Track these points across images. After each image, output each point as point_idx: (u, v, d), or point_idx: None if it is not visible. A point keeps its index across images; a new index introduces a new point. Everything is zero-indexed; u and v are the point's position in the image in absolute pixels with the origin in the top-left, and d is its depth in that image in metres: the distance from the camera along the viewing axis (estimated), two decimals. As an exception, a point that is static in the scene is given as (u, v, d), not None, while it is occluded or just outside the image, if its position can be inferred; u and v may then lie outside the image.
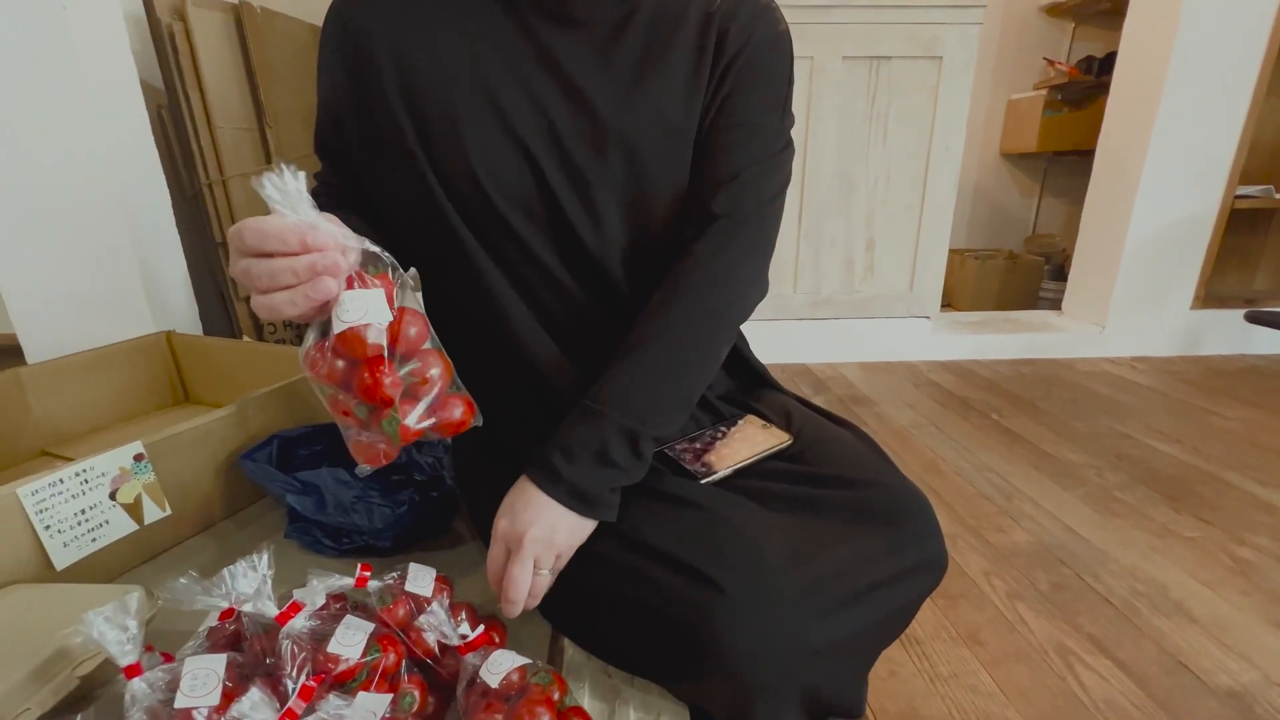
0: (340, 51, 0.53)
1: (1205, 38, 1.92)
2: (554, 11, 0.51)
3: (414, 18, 0.51)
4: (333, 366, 0.40)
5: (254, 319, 1.42)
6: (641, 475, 0.50)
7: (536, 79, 0.51)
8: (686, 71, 0.54)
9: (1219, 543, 1.14)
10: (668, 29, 0.54)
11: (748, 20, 0.55)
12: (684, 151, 0.55)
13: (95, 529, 0.63)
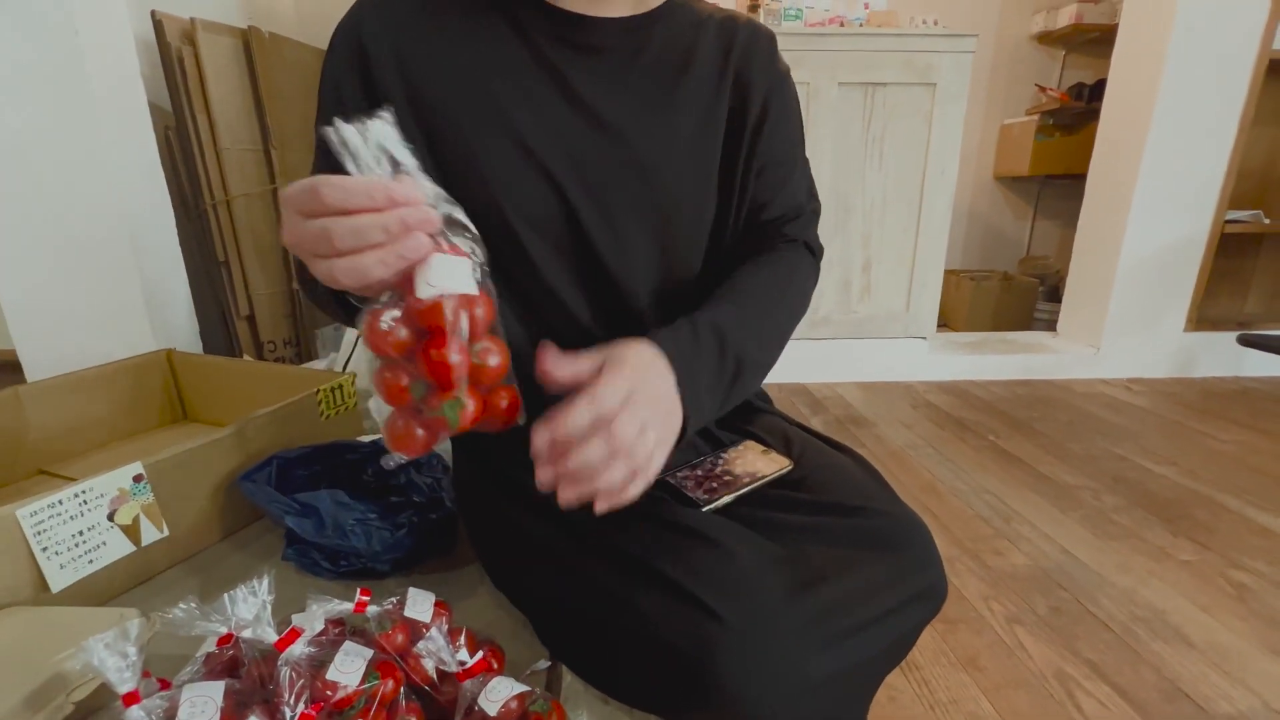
0: (356, 69, 0.51)
1: (1192, 67, 1.96)
2: (570, 39, 0.53)
3: (429, 43, 0.51)
4: (399, 336, 0.36)
5: (254, 337, 1.42)
6: (708, 420, 0.49)
7: (554, 104, 0.52)
8: (704, 99, 0.56)
9: (1216, 567, 1.14)
10: (680, 58, 0.56)
11: (767, 60, 0.59)
12: (707, 175, 0.57)
13: (92, 550, 0.63)
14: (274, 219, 1.49)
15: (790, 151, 0.61)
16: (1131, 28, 2.10)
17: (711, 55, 0.57)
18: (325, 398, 0.91)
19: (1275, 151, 2.31)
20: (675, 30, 0.57)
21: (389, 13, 0.51)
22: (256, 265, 1.43)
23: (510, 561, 0.60)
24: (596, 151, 0.52)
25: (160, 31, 1.22)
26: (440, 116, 0.51)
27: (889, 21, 2.04)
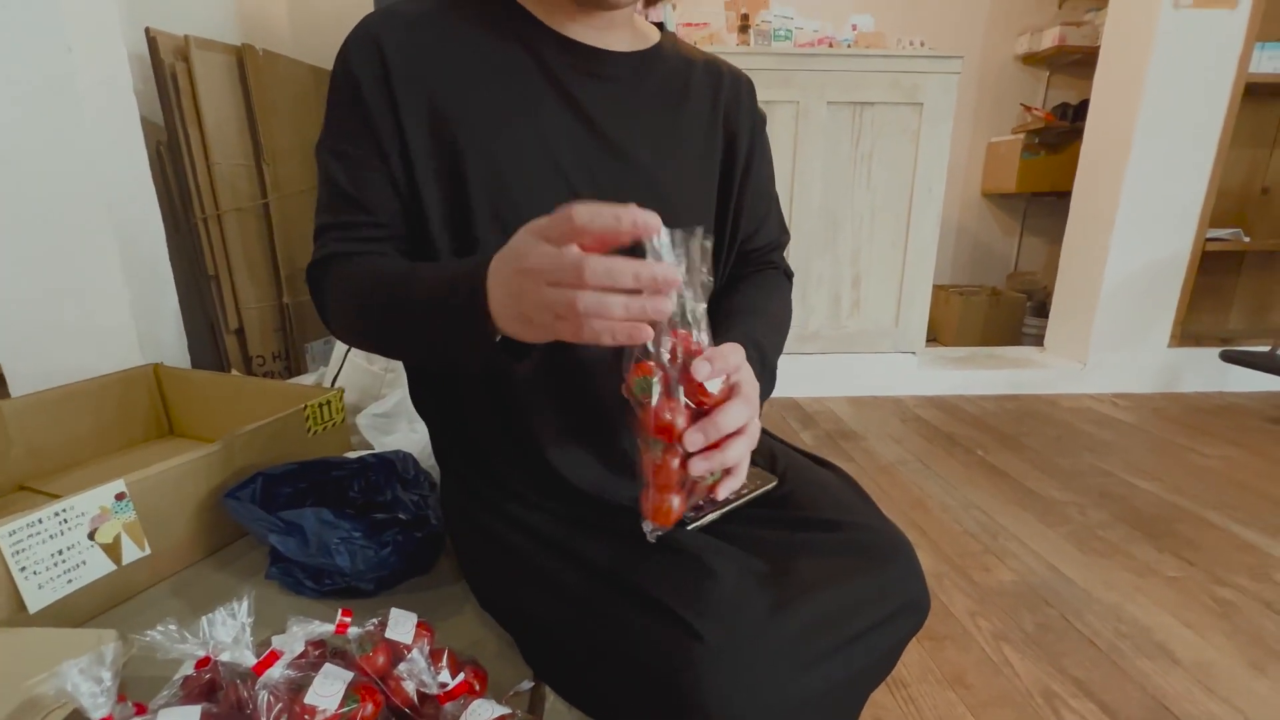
0: (378, 78, 0.51)
1: (1171, 89, 2.01)
2: (583, 68, 0.56)
3: (451, 64, 0.53)
4: (680, 425, 0.40)
5: (243, 351, 1.42)
6: None
7: (570, 125, 0.55)
8: (701, 129, 0.61)
9: (1200, 583, 1.15)
10: (678, 91, 0.61)
11: (750, 105, 0.65)
12: (707, 196, 0.62)
13: (71, 570, 0.62)
14: (265, 233, 1.49)
15: (770, 188, 0.69)
16: (1112, 51, 2.15)
17: (703, 93, 0.62)
18: (313, 413, 0.91)
19: (1253, 172, 2.36)
20: (672, 67, 0.61)
21: (408, 32, 0.52)
22: (247, 279, 1.43)
23: (496, 579, 0.60)
24: (609, 168, 0.56)
25: (154, 48, 1.22)
26: (465, 135, 0.52)
27: (876, 43, 2.08)
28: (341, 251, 0.54)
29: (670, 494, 0.42)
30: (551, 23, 0.56)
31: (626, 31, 0.59)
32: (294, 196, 1.52)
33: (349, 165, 0.53)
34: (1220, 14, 1.97)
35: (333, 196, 0.54)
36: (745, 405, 0.42)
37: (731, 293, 0.64)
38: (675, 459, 0.41)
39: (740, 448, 0.42)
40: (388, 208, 0.53)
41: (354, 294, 0.51)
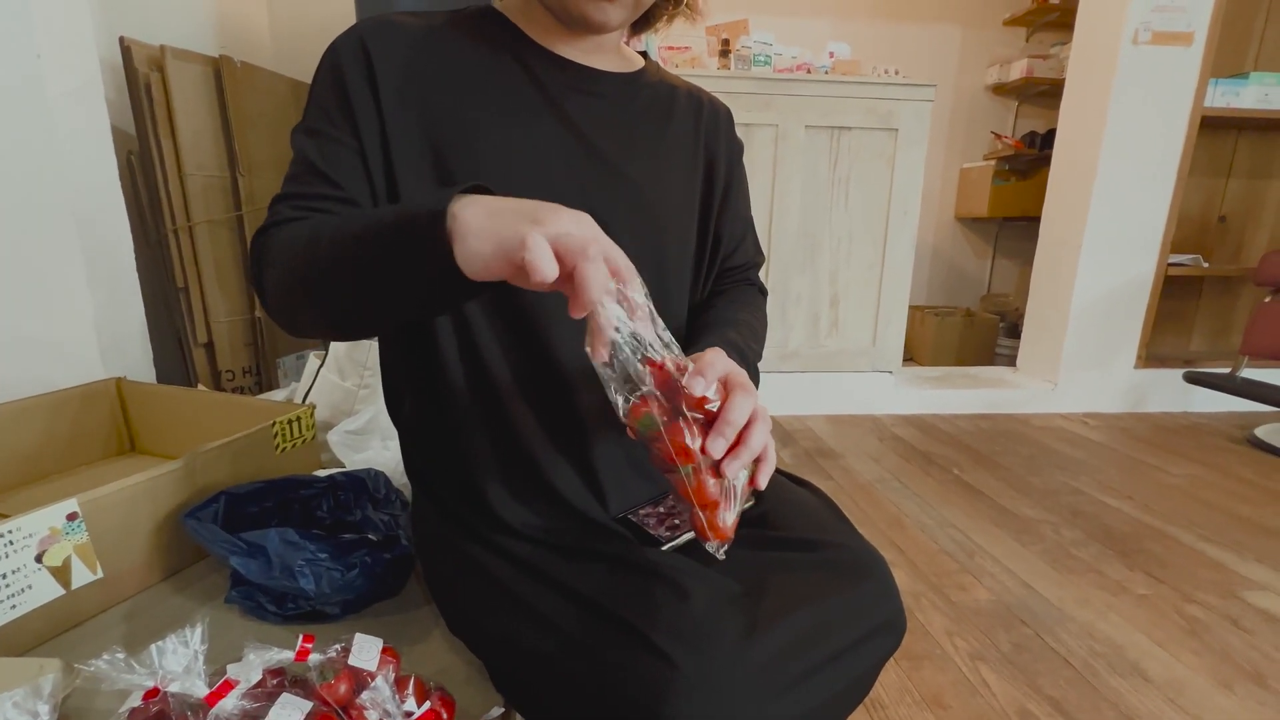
0: (365, 79, 0.51)
1: (1132, 121, 2.09)
2: (574, 85, 0.58)
3: (440, 73, 0.53)
4: (691, 439, 0.41)
5: (212, 366, 1.38)
6: None
7: (560, 137, 0.56)
8: (685, 148, 0.63)
9: (1170, 600, 1.17)
10: (662, 112, 0.63)
11: (729, 133, 0.68)
12: (690, 208, 0.63)
13: (15, 595, 0.59)
14: (239, 246, 1.47)
15: (746, 213, 0.71)
16: (1076, 83, 2.24)
17: (686, 118, 0.64)
18: (282, 430, 0.88)
19: (1211, 200, 2.46)
20: (657, 91, 0.64)
21: (395, 38, 0.53)
22: (218, 292, 1.39)
23: (467, 603, 0.58)
24: (598, 178, 0.56)
25: (128, 57, 1.20)
26: (451, 134, 0.52)
27: (853, 70, 2.14)
28: (293, 217, 0.50)
29: (718, 508, 0.43)
30: (543, 42, 0.57)
31: (613, 56, 0.61)
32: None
33: (321, 142, 0.51)
34: (1177, 50, 2.06)
35: (299, 169, 0.52)
36: (746, 394, 0.43)
37: (708, 307, 0.65)
38: (707, 474, 0.41)
39: (760, 433, 0.43)
40: (355, 185, 0.51)
41: (299, 248, 0.46)
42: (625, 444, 0.59)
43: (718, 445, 0.40)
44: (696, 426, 0.41)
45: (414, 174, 0.52)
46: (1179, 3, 2.04)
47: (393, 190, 0.53)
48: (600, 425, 0.57)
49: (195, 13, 1.58)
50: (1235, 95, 2.16)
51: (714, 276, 0.68)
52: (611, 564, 0.50)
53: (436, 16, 0.57)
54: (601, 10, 0.52)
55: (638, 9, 0.54)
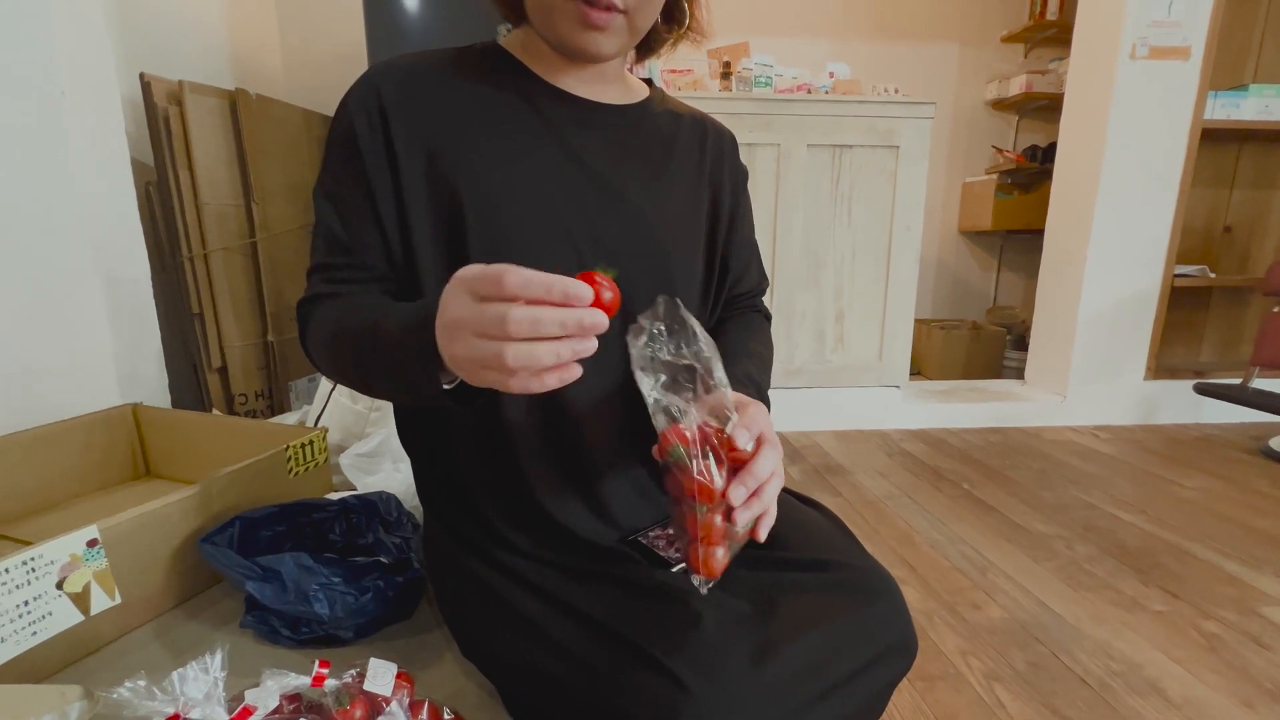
0: (377, 128, 0.53)
1: (1132, 134, 2.11)
2: (579, 119, 0.59)
3: (450, 113, 0.55)
4: (720, 485, 0.43)
5: (226, 390, 1.40)
6: None
7: (567, 170, 0.57)
8: (689, 177, 0.64)
9: (1187, 617, 1.15)
10: (666, 142, 0.64)
11: (734, 160, 0.69)
12: (695, 237, 0.64)
13: (37, 622, 0.60)
14: (253, 272, 1.50)
15: (752, 238, 0.72)
16: (1075, 98, 2.26)
17: (690, 145, 0.65)
18: (295, 454, 0.89)
19: (1215, 211, 2.46)
20: (661, 120, 0.64)
21: (406, 82, 0.54)
22: (231, 318, 1.42)
23: (479, 627, 0.59)
24: (604, 210, 0.57)
25: (148, 93, 1.24)
26: (461, 177, 0.54)
27: (853, 89, 2.17)
28: (326, 292, 0.55)
29: (716, 546, 0.44)
30: (547, 76, 0.58)
31: (617, 86, 0.62)
32: (283, 235, 1.53)
33: (340, 207, 0.54)
34: (1175, 64, 2.08)
35: (323, 238, 0.56)
36: (774, 451, 0.45)
37: (720, 335, 0.66)
38: (717, 515, 0.43)
39: (774, 489, 0.45)
40: (374, 250, 0.54)
41: (329, 336, 0.52)
42: (634, 474, 0.60)
43: (739, 494, 0.42)
44: (723, 470, 0.43)
45: (426, 225, 0.54)
46: (1175, 18, 2.06)
47: (407, 242, 0.54)
48: (610, 456, 0.58)
49: (212, 48, 1.63)
50: (1236, 107, 2.17)
51: (721, 304, 0.68)
52: (623, 587, 0.51)
53: (443, 55, 0.58)
54: (595, 41, 0.52)
55: (634, 36, 0.55)
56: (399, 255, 0.55)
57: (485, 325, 0.35)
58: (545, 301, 0.35)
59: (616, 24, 0.52)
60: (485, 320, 0.35)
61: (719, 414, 0.45)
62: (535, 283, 0.34)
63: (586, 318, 0.35)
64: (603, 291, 0.37)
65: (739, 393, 0.53)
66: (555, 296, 0.35)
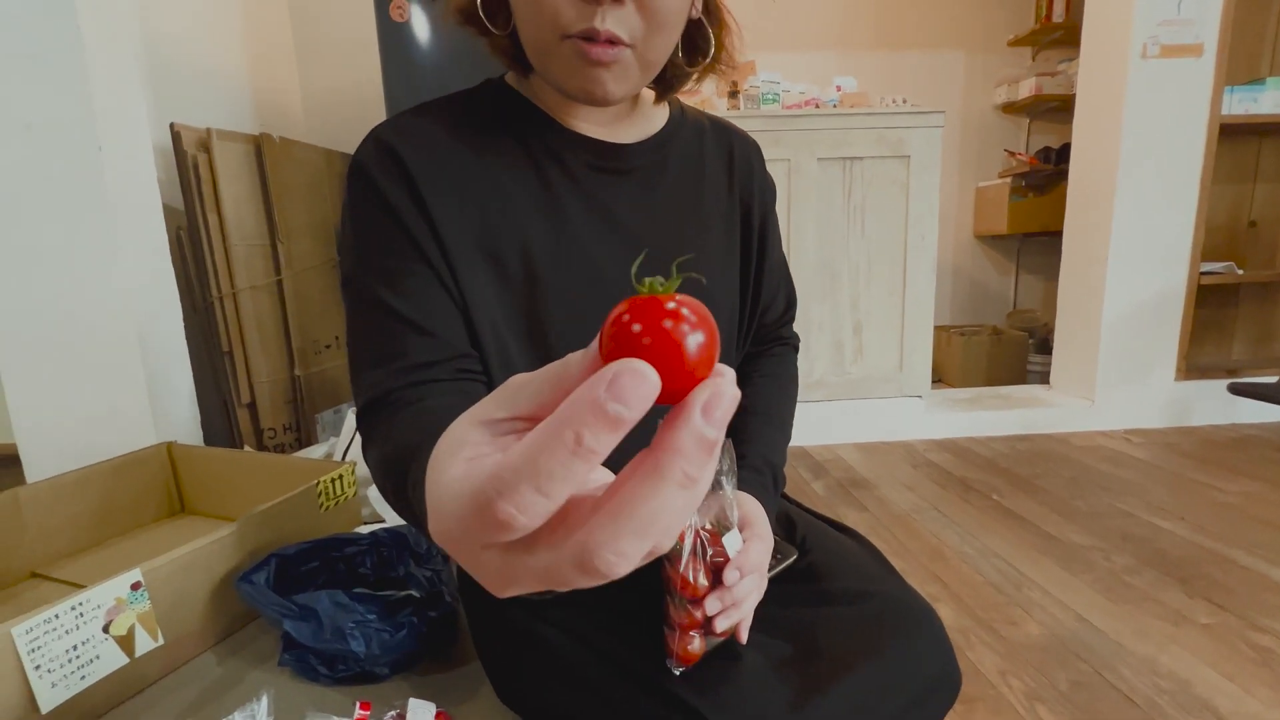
0: (403, 187, 0.48)
1: (1148, 132, 2.08)
2: (601, 165, 0.54)
3: (472, 168, 0.51)
4: (704, 583, 0.45)
5: (255, 424, 1.43)
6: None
7: (596, 226, 0.53)
8: (721, 206, 0.61)
9: (1236, 630, 1.11)
10: (694, 170, 0.60)
11: (761, 172, 0.65)
12: (733, 279, 0.62)
13: (85, 665, 0.62)
14: (279, 308, 1.54)
15: (782, 259, 0.68)
16: (1088, 99, 2.24)
17: (717, 162, 0.61)
18: (325, 489, 0.91)
19: (1239, 206, 2.41)
20: (686, 144, 0.60)
21: (420, 138, 0.50)
22: (260, 353, 1.46)
23: (513, 668, 0.58)
24: (647, 274, 0.54)
25: (178, 141, 1.29)
26: (499, 241, 0.50)
27: (860, 102, 2.18)
28: (396, 389, 0.45)
29: (692, 637, 0.46)
30: (562, 118, 0.54)
31: (635, 117, 0.57)
32: (306, 272, 1.57)
33: (393, 279, 0.47)
34: (1188, 61, 2.06)
35: (377, 321, 0.46)
36: (759, 578, 0.47)
37: (747, 383, 0.64)
38: (698, 610, 0.45)
39: (753, 602, 0.47)
40: (447, 320, 0.47)
41: (380, 461, 0.42)
42: None
43: (713, 605, 0.45)
44: (705, 569, 0.45)
45: (477, 278, 0.49)
46: (1185, 15, 2.04)
47: (462, 296, 0.48)
48: None
49: (237, 94, 1.69)
50: (1254, 101, 2.14)
51: (752, 335, 0.66)
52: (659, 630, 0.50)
53: (450, 106, 0.53)
54: (600, 81, 0.47)
55: (646, 72, 0.49)
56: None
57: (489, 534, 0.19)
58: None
59: (623, 60, 0.46)
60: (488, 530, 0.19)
61: (720, 518, 0.47)
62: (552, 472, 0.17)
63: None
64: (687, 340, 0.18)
65: (750, 492, 0.54)
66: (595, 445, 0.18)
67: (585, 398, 0.16)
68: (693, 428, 0.16)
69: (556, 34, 0.45)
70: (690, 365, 0.17)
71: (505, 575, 0.19)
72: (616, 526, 0.16)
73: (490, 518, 0.16)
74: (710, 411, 0.17)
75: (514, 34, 0.50)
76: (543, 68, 0.49)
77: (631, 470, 0.17)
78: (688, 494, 0.17)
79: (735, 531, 0.48)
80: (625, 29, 0.45)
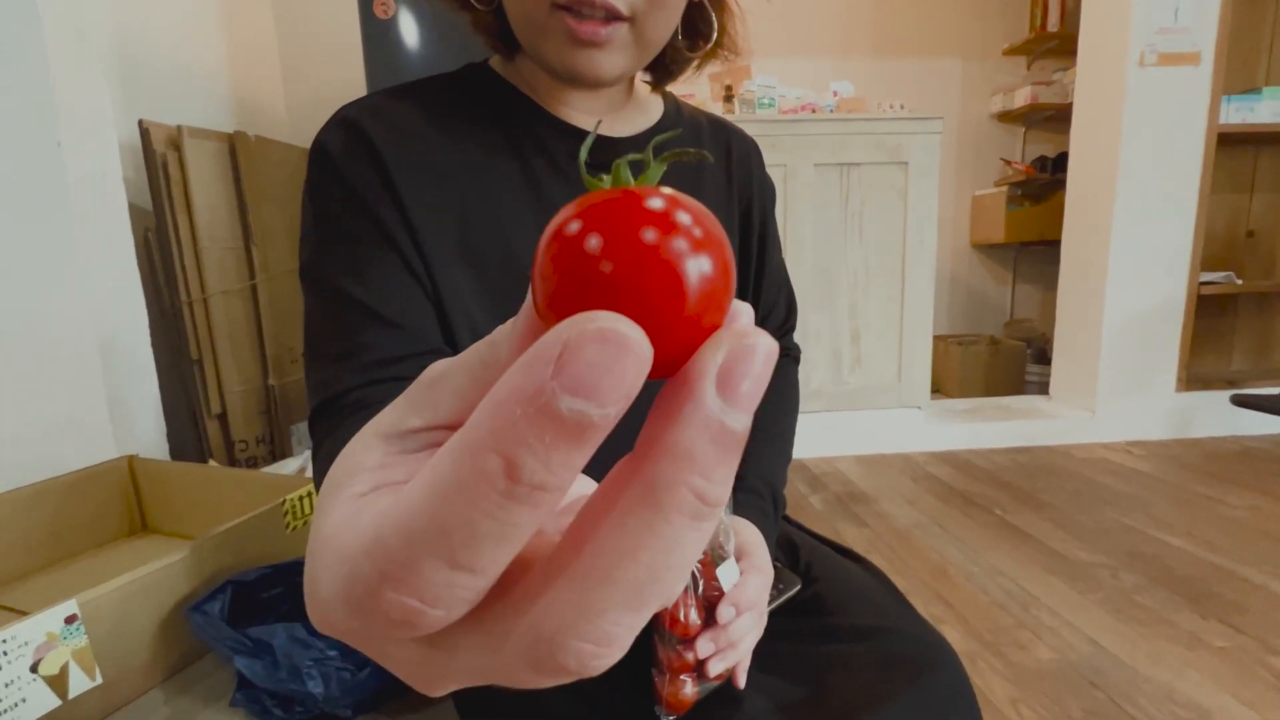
0: (374, 170, 0.44)
1: (1146, 142, 2.06)
2: (595, 161, 0.50)
3: (451, 154, 0.47)
4: (698, 622, 0.41)
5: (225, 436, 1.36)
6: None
7: None
8: (720, 202, 0.57)
9: (1253, 653, 1.06)
10: (692, 167, 0.55)
11: (760, 172, 0.61)
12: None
13: (9, 710, 0.55)
14: (253, 314, 1.47)
15: (782, 265, 0.64)
16: (1085, 108, 2.22)
17: (716, 165, 0.58)
18: (292, 508, 0.85)
19: (1237, 216, 2.40)
20: (682, 140, 0.56)
21: (393, 119, 0.45)
22: (231, 362, 1.39)
23: (486, 708, 0.53)
24: None
25: (147, 139, 1.24)
26: (479, 236, 0.46)
27: (858, 107, 2.15)
28: (356, 388, 0.40)
29: (684, 683, 0.42)
30: (550, 106, 0.50)
31: (630, 109, 0.54)
32: (282, 276, 1.51)
33: (368, 277, 0.41)
34: (1185, 70, 2.04)
35: (336, 312, 0.42)
36: (757, 615, 0.43)
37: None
38: (689, 651, 0.40)
39: (751, 642, 0.42)
40: (430, 324, 0.43)
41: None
42: None
43: (705, 648, 0.40)
44: (698, 604, 0.41)
45: (453, 274, 0.45)
46: (1182, 24, 2.03)
47: (436, 291, 0.44)
48: None
49: (213, 92, 1.63)
50: (1250, 111, 2.12)
51: None
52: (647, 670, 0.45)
53: (430, 88, 0.49)
54: (593, 61, 0.43)
55: (644, 51, 0.45)
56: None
57: (382, 631, 0.12)
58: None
59: (619, 37, 0.43)
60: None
61: (714, 547, 0.42)
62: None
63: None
64: (685, 266, 0.11)
65: (748, 517, 0.50)
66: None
67: (517, 392, 0.09)
68: (705, 416, 0.10)
69: (545, 3, 0.41)
70: (693, 310, 0.10)
71: (427, 675, 0.12)
72: (590, 598, 0.10)
73: (376, 612, 0.10)
74: (732, 383, 0.10)
75: (499, 10, 0.47)
76: (530, 44, 0.45)
77: (607, 498, 0.10)
78: (701, 526, 0.10)
79: (731, 561, 0.43)
80: (624, 1, 0.41)
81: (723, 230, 0.11)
